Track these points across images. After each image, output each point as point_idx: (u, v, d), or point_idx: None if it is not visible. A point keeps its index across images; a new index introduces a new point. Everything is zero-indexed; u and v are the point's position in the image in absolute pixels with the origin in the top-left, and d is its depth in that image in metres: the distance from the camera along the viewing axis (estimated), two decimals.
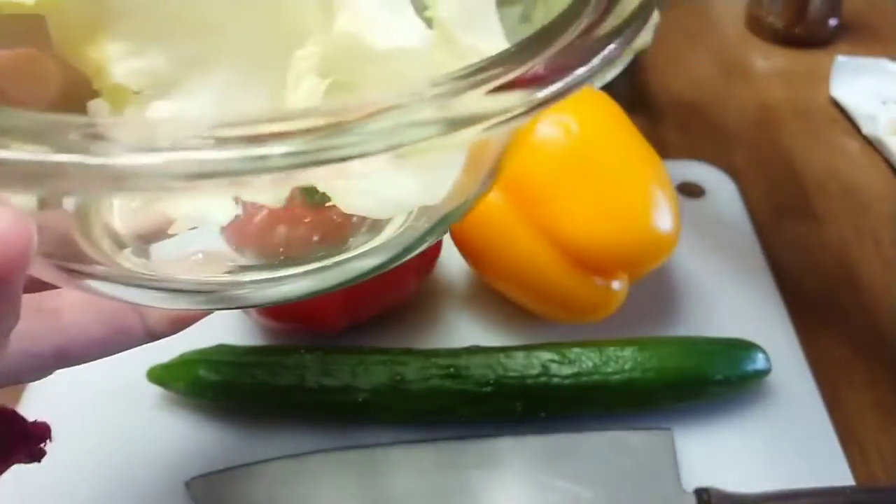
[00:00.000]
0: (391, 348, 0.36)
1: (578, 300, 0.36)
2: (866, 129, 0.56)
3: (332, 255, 0.21)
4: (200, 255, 0.21)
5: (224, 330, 0.40)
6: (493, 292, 0.40)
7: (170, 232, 0.19)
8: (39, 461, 0.24)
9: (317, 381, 0.34)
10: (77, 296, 0.22)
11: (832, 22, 0.66)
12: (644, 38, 0.16)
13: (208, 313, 0.25)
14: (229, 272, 0.21)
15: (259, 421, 0.36)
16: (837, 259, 0.46)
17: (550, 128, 0.35)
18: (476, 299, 0.42)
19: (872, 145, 0.55)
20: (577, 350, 0.35)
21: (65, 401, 0.36)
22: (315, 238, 0.22)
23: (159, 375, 0.36)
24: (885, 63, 0.61)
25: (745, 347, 0.36)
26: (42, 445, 0.23)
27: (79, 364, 0.22)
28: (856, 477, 0.34)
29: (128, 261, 0.20)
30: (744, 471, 0.34)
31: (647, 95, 0.60)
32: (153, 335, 0.23)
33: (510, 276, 0.38)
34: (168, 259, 0.21)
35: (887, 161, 0.54)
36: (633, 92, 0.60)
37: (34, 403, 0.37)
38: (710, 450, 0.35)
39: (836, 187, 0.52)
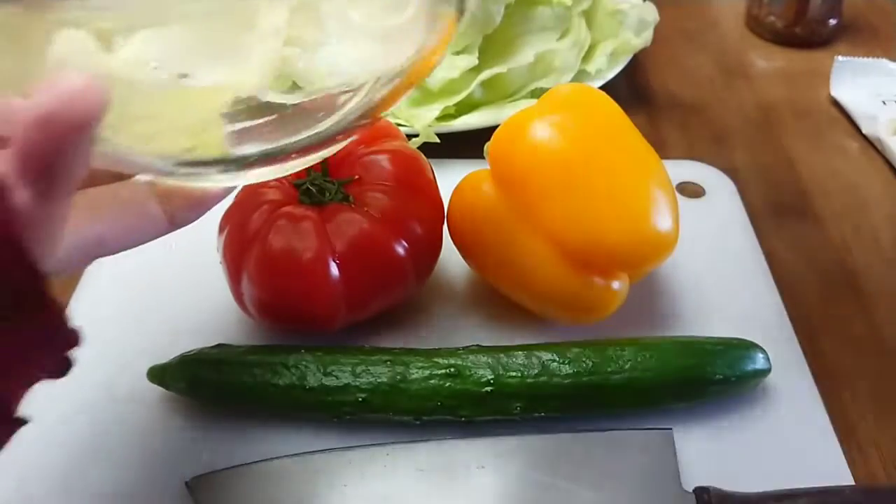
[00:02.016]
0: (391, 348, 0.36)
1: (578, 300, 0.36)
2: (866, 129, 0.56)
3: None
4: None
5: (224, 330, 0.40)
6: (493, 292, 0.40)
7: None
8: (65, 374, 0.23)
9: (317, 380, 0.34)
10: (106, 192, 0.25)
11: (832, 22, 0.66)
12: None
13: (221, 195, 0.27)
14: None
15: (259, 421, 0.36)
16: (837, 259, 0.46)
17: (550, 128, 0.35)
18: (476, 299, 0.42)
19: (872, 145, 0.55)
20: (577, 350, 0.35)
21: (65, 401, 0.36)
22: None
23: (159, 375, 0.36)
24: (885, 63, 0.61)
25: (745, 347, 0.36)
26: (68, 354, 0.22)
27: (116, 252, 0.25)
28: (855, 477, 0.34)
29: None
30: (744, 471, 0.34)
31: (647, 95, 0.61)
32: (175, 221, 0.26)
33: (510, 276, 0.38)
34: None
35: (887, 161, 0.54)
36: (633, 92, 0.60)
37: (36, 401, 0.36)
38: (710, 450, 0.35)
39: (836, 187, 0.52)
